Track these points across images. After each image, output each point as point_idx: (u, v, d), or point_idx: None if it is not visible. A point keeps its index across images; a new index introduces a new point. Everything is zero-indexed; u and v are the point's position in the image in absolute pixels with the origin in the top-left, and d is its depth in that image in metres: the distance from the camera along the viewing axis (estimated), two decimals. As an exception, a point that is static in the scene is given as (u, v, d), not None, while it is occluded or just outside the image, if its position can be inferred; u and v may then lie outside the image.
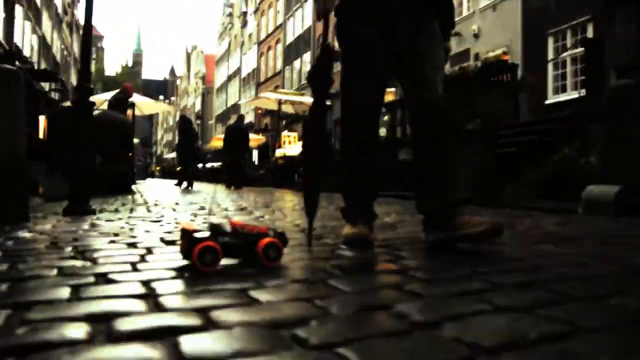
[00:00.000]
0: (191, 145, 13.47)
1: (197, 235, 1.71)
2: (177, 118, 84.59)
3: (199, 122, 51.43)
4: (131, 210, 5.02)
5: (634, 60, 7.24)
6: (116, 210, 4.99)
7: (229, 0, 53.99)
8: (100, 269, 1.77)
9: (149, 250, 2.22)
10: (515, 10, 14.22)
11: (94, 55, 68.09)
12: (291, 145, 17.20)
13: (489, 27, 14.82)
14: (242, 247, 1.78)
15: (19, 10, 22.43)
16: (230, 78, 49.73)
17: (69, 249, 2.28)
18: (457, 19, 13.74)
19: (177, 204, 6.25)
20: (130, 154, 10.95)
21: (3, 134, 3.50)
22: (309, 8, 30.48)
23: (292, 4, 33.30)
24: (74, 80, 46.05)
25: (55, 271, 1.74)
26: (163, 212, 4.82)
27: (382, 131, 14.81)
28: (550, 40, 13.10)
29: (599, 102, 5.03)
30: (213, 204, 4.54)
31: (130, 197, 7.63)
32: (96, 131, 9.16)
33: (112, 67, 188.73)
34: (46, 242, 2.51)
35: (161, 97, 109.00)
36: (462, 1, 16.30)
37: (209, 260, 1.67)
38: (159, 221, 3.75)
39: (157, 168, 56.01)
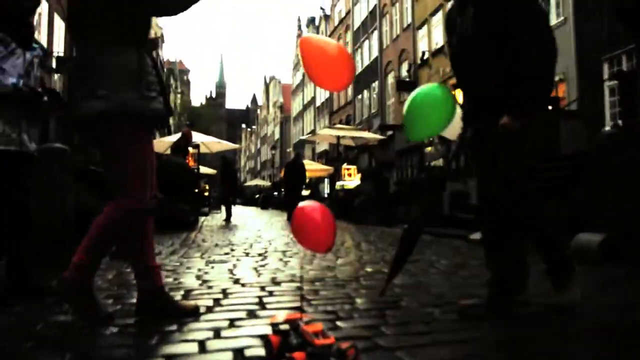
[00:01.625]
0: (232, 184, 14.28)
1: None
2: (258, 145, 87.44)
3: (273, 152, 52.98)
4: (175, 253, 5.64)
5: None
6: (159, 253, 5.64)
7: (302, 32, 55.69)
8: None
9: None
10: (568, 37, 14.05)
11: (179, 90, 72.15)
12: (350, 178, 17.64)
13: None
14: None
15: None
16: (305, 107, 51.05)
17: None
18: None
19: (232, 249, 6.86)
20: (196, 192, 11.79)
21: (54, 203, 4.23)
22: (375, 39, 31.07)
23: (360, 35, 34.03)
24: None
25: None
26: (216, 256, 5.38)
27: (438, 163, 15.02)
28: (606, 66, 12.84)
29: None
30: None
31: (188, 235, 8.35)
32: (158, 173, 10.08)
33: (197, 97, 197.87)
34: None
35: (243, 125, 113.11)
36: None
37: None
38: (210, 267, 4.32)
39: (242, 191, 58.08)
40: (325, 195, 24.05)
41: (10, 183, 2.98)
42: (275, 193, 31.60)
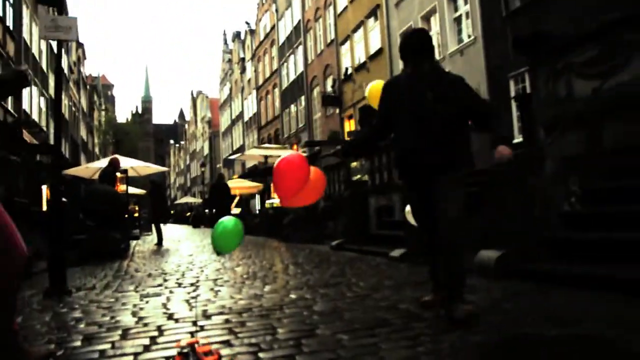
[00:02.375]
0: (161, 207, 14.40)
1: None
2: (187, 161, 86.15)
3: (203, 169, 52.58)
4: (108, 286, 5.81)
5: (554, 120, 8.04)
6: (93, 288, 5.80)
7: (227, 47, 55.71)
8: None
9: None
10: (479, 55, 15.13)
11: (103, 107, 70.00)
12: (280, 195, 18.02)
13: (458, 71, 15.74)
14: None
15: (25, 79, 23.79)
16: (234, 122, 51.06)
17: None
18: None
19: (164, 279, 7.06)
20: (124, 218, 11.80)
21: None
22: (300, 54, 31.69)
23: (285, 50, 34.58)
24: (83, 133, 47.71)
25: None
26: (150, 288, 5.60)
27: (365, 177, 15.61)
28: (512, 83, 13.95)
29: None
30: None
31: (120, 264, 8.44)
32: (87, 203, 10.12)
33: (122, 113, 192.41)
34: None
35: (172, 141, 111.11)
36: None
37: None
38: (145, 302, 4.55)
39: (172, 212, 57.09)
40: (257, 212, 24.25)
41: None
42: (207, 211, 31.47)
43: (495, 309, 3.59)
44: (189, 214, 42.63)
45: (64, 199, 7.19)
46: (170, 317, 3.86)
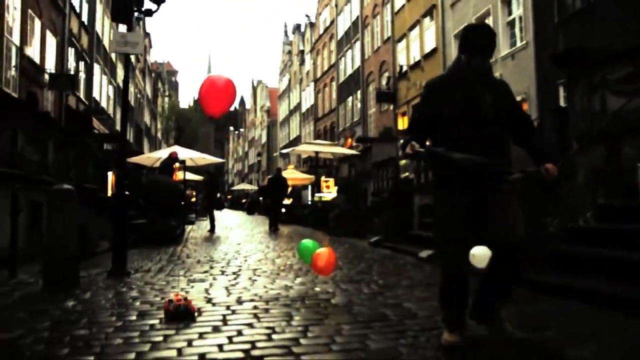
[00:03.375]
0: (214, 196, 15.39)
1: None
2: (245, 148, 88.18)
3: (259, 158, 53.91)
4: (162, 270, 6.64)
5: (588, 131, 8.28)
6: (148, 270, 6.64)
7: (288, 38, 56.67)
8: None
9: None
10: (530, 60, 15.22)
11: (166, 93, 72.55)
12: (328, 190, 18.68)
13: (509, 75, 15.84)
14: None
15: (96, 68, 25.41)
16: (291, 112, 52.07)
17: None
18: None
19: (211, 266, 7.87)
20: (181, 206, 12.76)
21: (60, 237, 5.22)
22: (357, 49, 32.13)
23: (344, 44, 35.08)
24: (147, 119, 49.93)
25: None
26: (197, 274, 6.39)
27: (410, 175, 16.03)
28: (561, 90, 14.01)
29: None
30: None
31: (174, 250, 9.32)
32: (148, 192, 11.08)
33: (185, 99, 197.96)
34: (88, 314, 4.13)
35: (231, 128, 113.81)
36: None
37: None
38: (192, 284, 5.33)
39: (229, 196, 58.94)
40: (309, 203, 25.03)
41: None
42: (261, 198, 32.55)
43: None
44: (244, 200, 44.02)
45: (126, 187, 8.09)
46: (209, 301, 4.58)
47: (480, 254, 3.38)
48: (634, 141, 6.69)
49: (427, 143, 3.34)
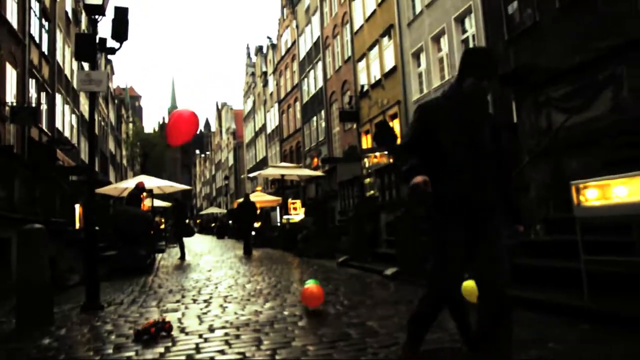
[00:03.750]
0: (183, 223, 15.59)
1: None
2: (212, 171, 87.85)
3: (226, 181, 53.95)
4: (134, 302, 6.79)
5: (535, 147, 8.77)
6: (121, 303, 6.78)
7: (250, 60, 57.14)
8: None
9: None
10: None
11: (130, 119, 72.01)
12: (295, 211, 18.97)
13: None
14: None
15: (58, 98, 25.26)
16: (257, 134, 52.33)
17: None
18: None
19: (182, 295, 8.02)
20: (151, 235, 12.84)
21: (32, 271, 5.37)
22: (319, 69, 32.70)
23: (306, 65, 35.64)
24: (111, 146, 49.53)
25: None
26: (169, 304, 6.55)
27: (375, 193, 16.42)
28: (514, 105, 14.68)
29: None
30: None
31: (146, 280, 9.43)
32: (117, 223, 11.17)
33: (149, 124, 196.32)
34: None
35: (197, 151, 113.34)
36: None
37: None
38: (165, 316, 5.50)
39: (198, 221, 58.63)
40: (278, 225, 25.24)
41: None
42: (230, 222, 32.57)
43: (440, 326, 4.40)
44: (213, 224, 43.91)
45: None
46: (182, 330, 4.79)
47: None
48: (575, 156, 7.18)
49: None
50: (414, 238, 8.15)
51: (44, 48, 22.84)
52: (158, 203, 23.68)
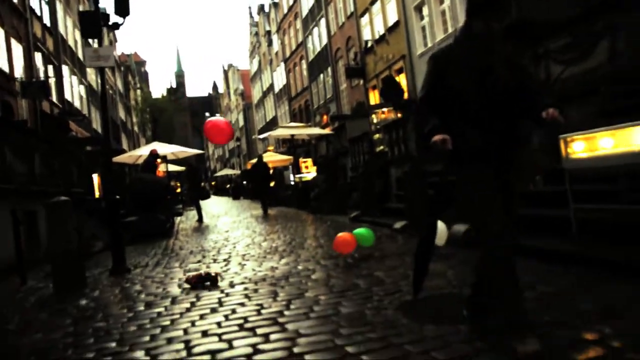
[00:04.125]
0: (197, 187, 16.04)
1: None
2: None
3: (238, 142, 54.21)
4: (159, 264, 7.24)
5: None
6: (146, 265, 7.25)
7: (253, 20, 56.56)
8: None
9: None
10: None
11: (138, 85, 72.02)
12: (307, 170, 19.34)
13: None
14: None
15: (65, 69, 25.49)
16: (265, 94, 52.34)
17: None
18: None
19: (203, 255, 8.49)
20: (168, 200, 13.33)
21: (62, 240, 5.80)
22: (323, 27, 32.46)
23: (309, 22, 35.35)
24: (121, 114, 49.87)
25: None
26: (191, 264, 7.01)
27: (384, 148, 16.69)
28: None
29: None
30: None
31: (167, 243, 9.91)
32: (134, 190, 11.62)
33: (157, 89, 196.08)
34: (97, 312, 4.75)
35: (207, 114, 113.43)
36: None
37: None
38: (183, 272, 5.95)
39: (213, 183, 59.35)
40: (292, 183, 25.69)
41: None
42: (245, 182, 33.02)
43: (440, 275, 4.76)
44: (228, 185, 44.53)
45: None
46: (205, 287, 5.22)
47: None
48: (574, 107, 7.37)
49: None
50: (421, 192, 8.48)
51: (46, 20, 22.96)
52: (173, 168, 24.17)
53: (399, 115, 16.42)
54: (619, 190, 4.92)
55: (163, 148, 15.14)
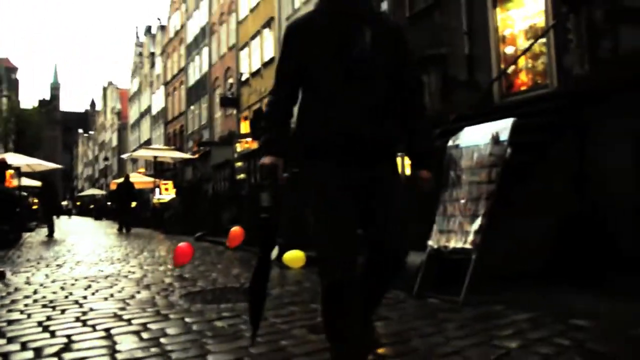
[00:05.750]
0: (53, 202, 15.97)
1: None
2: (96, 152, 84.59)
3: (106, 162, 52.63)
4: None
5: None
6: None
7: (139, 40, 55.92)
8: None
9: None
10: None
11: (5, 92, 67.39)
12: (167, 192, 19.76)
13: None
14: None
15: None
16: (142, 115, 51.55)
17: None
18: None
19: (38, 262, 8.70)
20: (16, 212, 13.09)
21: None
22: (205, 54, 33.17)
23: (193, 49, 35.91)
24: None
25: None
26: (23, 269, 7.28)
27: (244, 176, 17.54)
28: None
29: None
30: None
31: (7, 253, 9.90)
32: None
33: (28, 100, 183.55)
34: None
35: (80, 130, 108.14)
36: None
37: None
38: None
39: (78, 203, 56.69)
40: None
41: None
42: (109, 203, 32.33)
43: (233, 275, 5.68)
44: (92, 206, 43.00)
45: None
46: (26, 282, 5.67)
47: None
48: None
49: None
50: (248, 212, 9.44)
51: None
52: (29, 182, 23.28)
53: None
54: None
55: (16, 159, 14.85)
